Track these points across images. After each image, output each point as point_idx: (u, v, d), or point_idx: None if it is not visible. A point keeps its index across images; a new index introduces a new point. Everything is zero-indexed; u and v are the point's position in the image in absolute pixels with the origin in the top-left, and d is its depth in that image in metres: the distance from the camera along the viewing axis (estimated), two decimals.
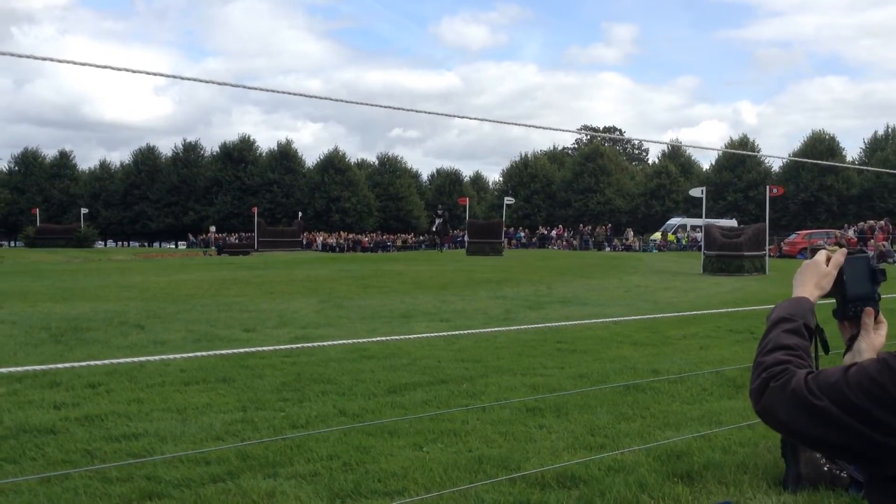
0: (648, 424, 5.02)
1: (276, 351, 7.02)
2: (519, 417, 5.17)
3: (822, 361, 1.61)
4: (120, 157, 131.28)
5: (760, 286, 17.49)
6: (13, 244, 61.24)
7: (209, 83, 2.85)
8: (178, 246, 64.23)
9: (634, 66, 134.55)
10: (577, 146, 77.60)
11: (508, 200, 41.70)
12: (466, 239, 34.77)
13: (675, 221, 48.73)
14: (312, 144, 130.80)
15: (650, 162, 77.41)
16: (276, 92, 3.85)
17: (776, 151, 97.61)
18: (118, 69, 2.56)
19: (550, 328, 8.86)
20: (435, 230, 42.78)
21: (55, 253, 35.74)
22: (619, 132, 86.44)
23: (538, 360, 7.42)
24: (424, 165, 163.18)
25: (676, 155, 64.78)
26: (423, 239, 57.07)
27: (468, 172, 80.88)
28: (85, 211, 52.10)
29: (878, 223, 37.28)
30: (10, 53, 2.40)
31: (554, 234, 51.63)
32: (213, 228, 58.91)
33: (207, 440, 4.65)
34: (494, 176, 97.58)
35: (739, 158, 57.41)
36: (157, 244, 68.82)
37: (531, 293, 15.01)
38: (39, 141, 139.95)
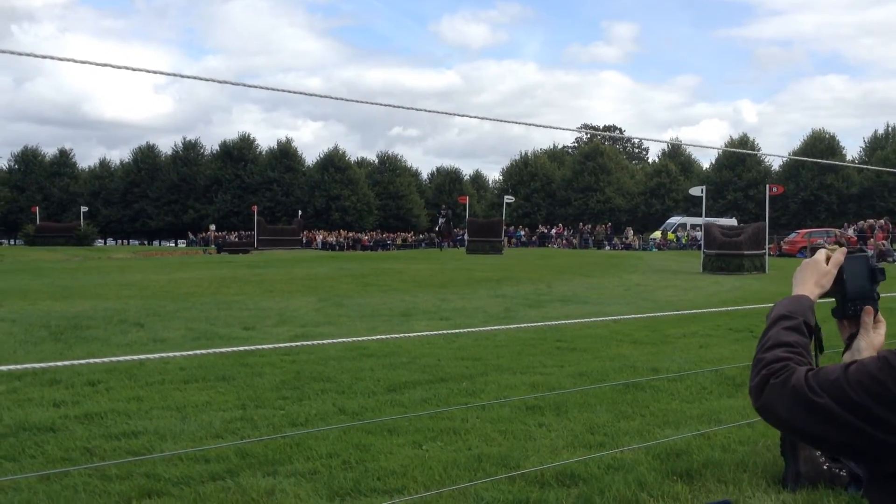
0: (648, 423, 5.02)
1: (275, 349, 7.05)
2: (518, 416, 5.17)
3: (819, 360, 1.61)
4: (120, 155, 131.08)
5: (760, 285, 17.49)
6: (13, 242, 61.17)
7: (209, 81, 2.86)
8: (177, 244, 64.22)
9: (634, 64, 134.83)
10: (577, 145, 77.64)
11: (508, 199, 41.63)
12: (466, 237, 34.73)
13: (674, 220, 48.65)
14: (312, 143, 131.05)
15: (650, 161, 77.44)
16: (276, 90, 3.90)
17: (776, 150, 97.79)
18: (118, 67, 2.56)
19: (550, 327, 8.87)
20: (438, 229, 42.77)
21: (55, 251, 35.67)
22: (619, 131, 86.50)
23: (538, 358, 7.43)
24: (424, 164, 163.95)
25: (676, 154, 64.82)
26: (422, 237, 57.04)
27: (468, 171, 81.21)
28: (85, 209, 51.94)
29: (877, 222, 37.29)
30: (10, 51, 2.40)
31: (554, 232, 51.61)
32: (212, 227, 58.82)
33: (207, 438, 4.65)
34: (494, 174, 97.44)
35: (739, 157, 57.42)
36: (156, 242, 68.86)
37: (531, 292, 15.02)
38: (39, 139, 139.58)
